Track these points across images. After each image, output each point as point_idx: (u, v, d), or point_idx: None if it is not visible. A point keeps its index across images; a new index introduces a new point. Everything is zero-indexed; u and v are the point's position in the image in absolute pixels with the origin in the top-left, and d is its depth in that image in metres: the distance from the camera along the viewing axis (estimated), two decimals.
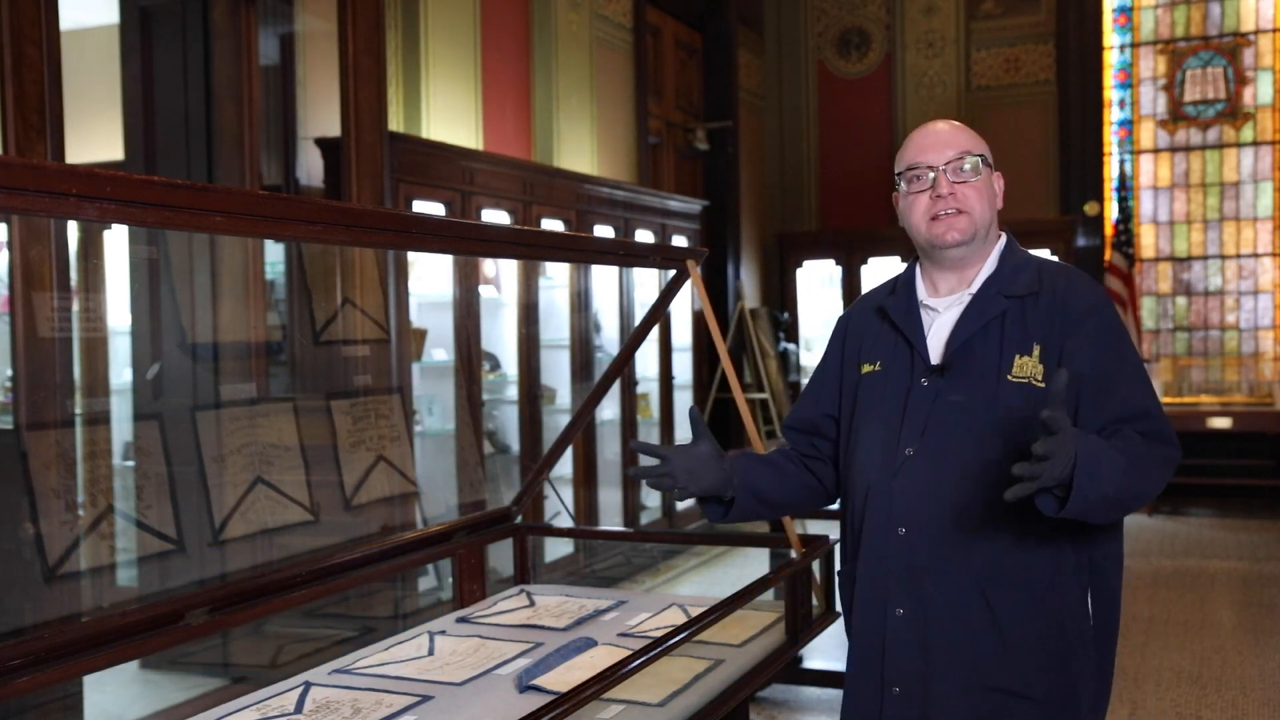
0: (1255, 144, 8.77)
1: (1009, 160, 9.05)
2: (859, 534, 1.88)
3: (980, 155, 1.86)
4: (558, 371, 5.86)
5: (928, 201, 1.84)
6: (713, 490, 1.91)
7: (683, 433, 7.17)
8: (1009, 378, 1.76)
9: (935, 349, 1.84)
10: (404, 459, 4.10)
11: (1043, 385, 1.75)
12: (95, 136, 4.71)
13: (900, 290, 1.94)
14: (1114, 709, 4.18)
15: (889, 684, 1.81)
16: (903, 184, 1.88)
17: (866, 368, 1.93)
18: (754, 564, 5.69)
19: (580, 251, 3.10)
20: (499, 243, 2.54)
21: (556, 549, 5.72)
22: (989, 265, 1.88)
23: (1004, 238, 1.93)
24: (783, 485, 2.02)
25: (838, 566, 2.09)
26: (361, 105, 4.14)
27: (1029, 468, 1.51)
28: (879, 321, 1.95)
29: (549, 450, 3.11)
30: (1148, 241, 9.06)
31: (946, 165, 1.83)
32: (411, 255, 4.52)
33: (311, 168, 4.26)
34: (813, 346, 9.25)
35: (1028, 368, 1.76)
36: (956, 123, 1.92)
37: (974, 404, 1.78)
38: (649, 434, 6.79)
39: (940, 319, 1.87)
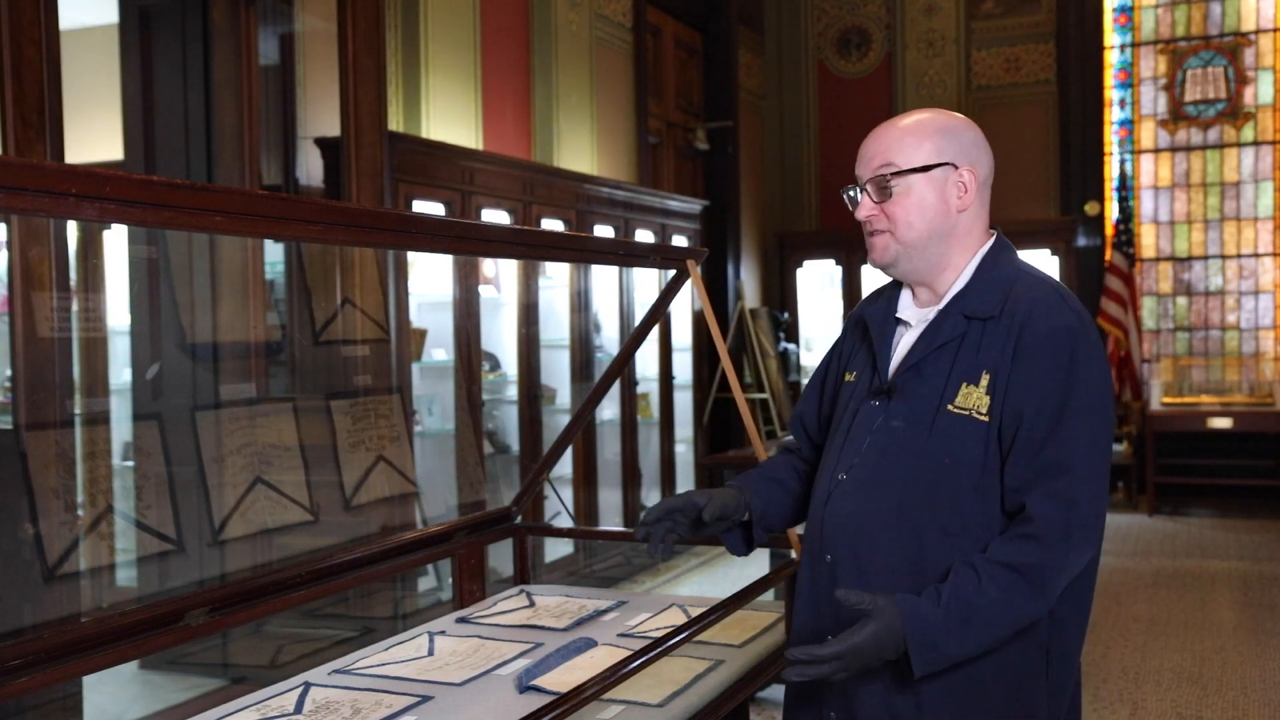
0: (1256, 144, 8.77)
1: (1009, 160, 9.06)
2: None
3: (913, 168, 1.66)
4: (558, 371, 5.85)
5: None
6: (730, 507, 1.85)
7: (683, 432, 7.17)
8: (949, 407, 1.62)
9: (895, 367, 1.73)
10: (404, 459, 4.10)
11: (985, 419, 1.59)
12: (95, 136, 4.71)
13: (885, 300, 1.81)
14: (1114, 709, 4.18)
15: (826, 707, 1.73)
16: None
17: (848, 376, 1.83)
18: (754, 564, 5.68)
19: (580, 251, 3.10)
20: (499, 243, 2.53)
21: (556, 549, 5.71)
22: (963, 278, 1.71)
23: (989, 244, 1.74)
24: (789, 499, 1.95)
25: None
26: (361, 105, 4.14)
27: (807, 654, 1.49)
28: (863, 330, 1.83)
29: (549, 450, 3.10)
30: (1148, 241, 9.06)
31: (868, 182, 1.70)
32: (411, 255, 4.52)
33: (311, 168, 4.26)
34: (813, 346, 9.25)
35: (972, 398, 1.61)
36: (915, 119, 1.71)
37: (912, 431, 1.64)
38: (649, 434, 6.79)
39: (909, 334, 1.74)
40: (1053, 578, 1.53)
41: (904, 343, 1.74)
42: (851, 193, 1.74)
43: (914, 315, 1.75)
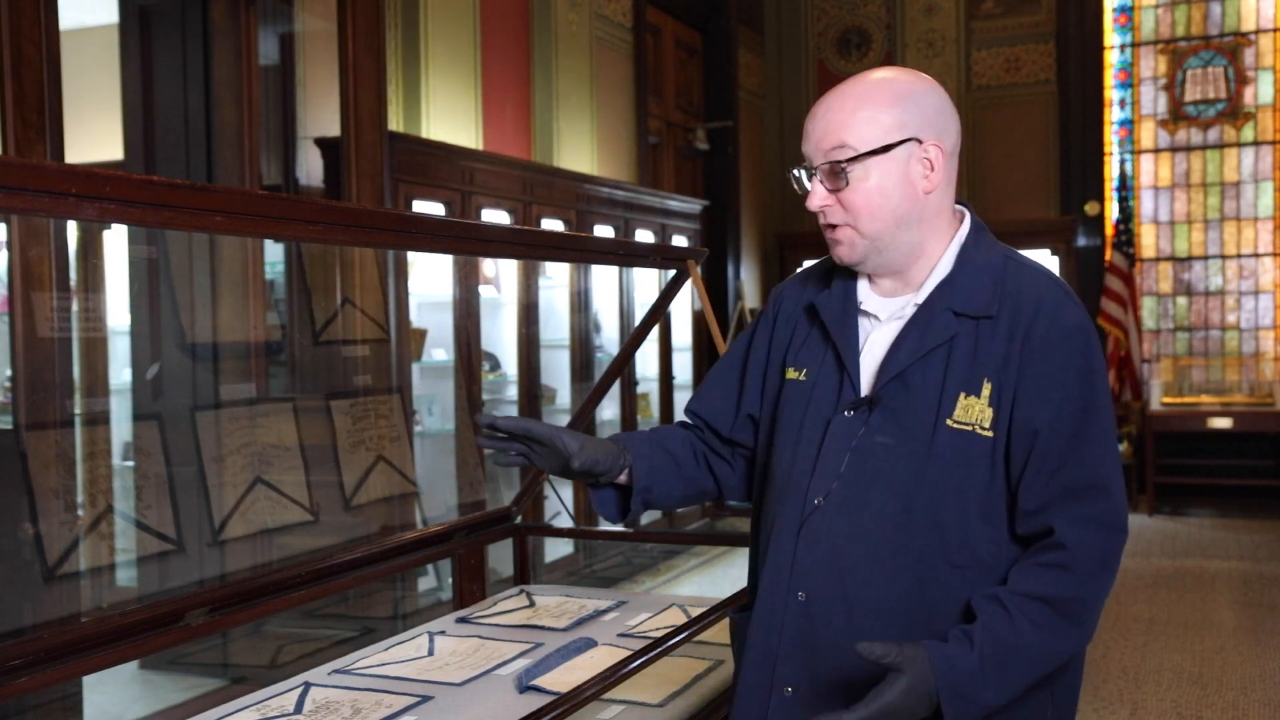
0: (1256, 144, 8.77)
1: (1009, 160, 9.07)
2: (757, 586, 1.55)
3: (872, 149, 1.43)
4: (558, 371, 5.85)
5: None
6: (604, 463, 1.57)
7: None
8: (949, 422, 1.42)
9: (868, 372, 1.49)
10: (404, 459, 4.10)
11: (989, 434, 1.41)
12: (95, 136, 4.71)
13: (837, 286, 1.56)
14: (1114, 709, 4.18)
15: None
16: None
17: (791, 374, 1.57)
18: None
19: (580, 251, 3.10)
20: (499, 243, 2.53)
21: (556, 549, 5.71)
22: (942, 267, 1.49)
23: (965, 226, 1.52)
24: (678, 480, 1.67)
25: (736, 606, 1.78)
26: (361, 105, 4.14)
27: None
28: (809, 319, 1.59)
29: None
30: (1148, 241, 9.06)
31: (820, 166, 1.46)
32: (411, 255, 4.52)
33: (311, 168, 4.26)
34: None
35: (974, 411, 1.42)
36: (867, 87, 1.47)
37: (903, 450, 1.43)
38: None
39: (880, 331, 1.51)
40: (1091, 609, 1.40)
41: (876, 341, 1.51)
42: (799, 175, 1.50)
43: (881, 307, 1.52)
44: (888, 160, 1.44)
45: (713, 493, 1.72)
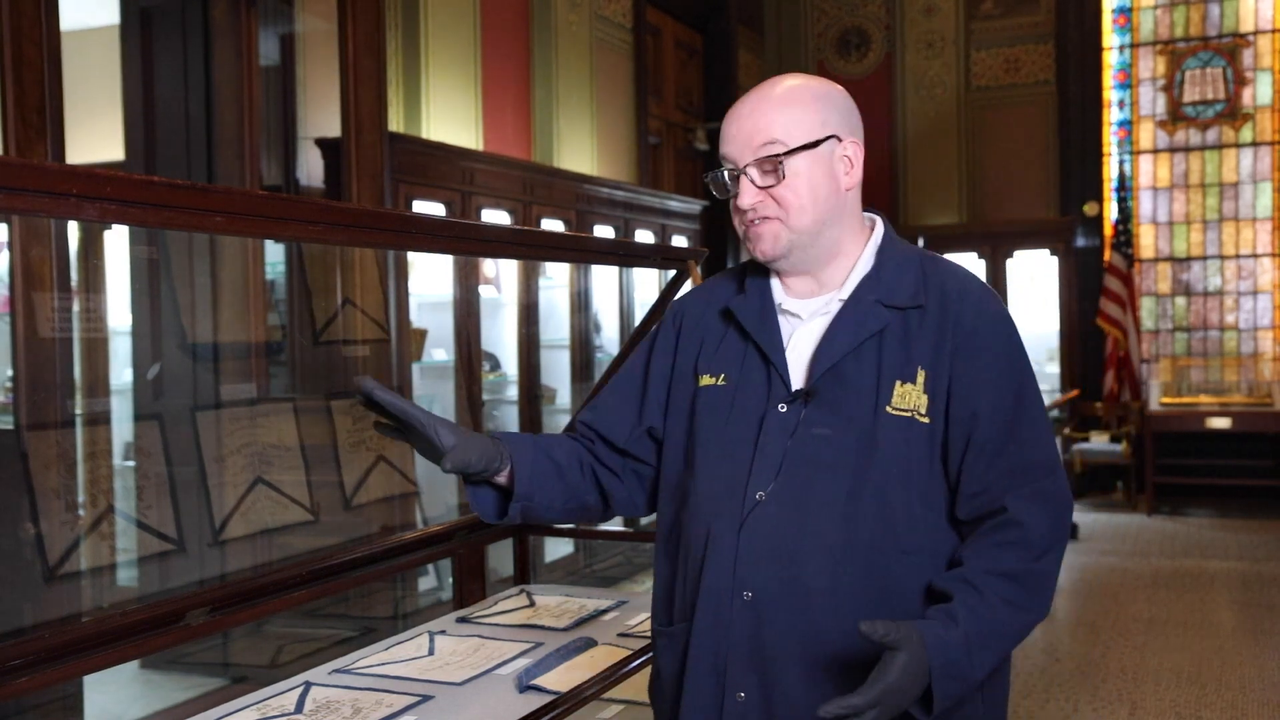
0: (1254, 144, 8.78)
1: (1008, 161, 9.08)
2: (695, 591, 1.51)
3: (802, 144, 1.46)
4: (558, 371, 5.86)
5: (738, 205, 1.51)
6: (478, 464, 1.52)
7: None
8: (889, 409, 1.44)
9: (797, 367, 1.50)
10: (404, 459, 4.10)
11: (927, 420, 1.44)
12: (95, 136, 4.72)
13: (751, 288, 1.57)
14: (1113, 708, 4.18)
15: None
16: (714, 176, 1.53)
17: (706, 380, 1.55)
18: None
19: (580, 251, 3.10)
20: (499, 243, 2.54)
21: (556, 549, 5.72)
22: (863, 264, 1.53)
23: (879, 228, 1.57)
24: (560, 489, 1.62)
25: (652, 625, 1.66)
26: (361, 105, 4.14)
27: (843, 708, 1.25)
28: (723, 324, 1.58)
29: None
30: (1147, 242, 9.06)
31: (749, 165, 1.48)
32: (411, 255, 4.53)
33: (311, 168, 4.27)
34: None
35: (910, 398, 1.44)
36: (786, 88, 1.50)
37: (845, 440, 1.44)
38: None
39: (804, 329, 1.52)
40: (1051, 581, 1.44)
41: (800, 338, 1.52)
42: (722, 177, 1.51)
43: (801, 307, 1.54)
44: (815, 155, 1.48)
45: (596, 508, 1.68)
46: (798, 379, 1.49)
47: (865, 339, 1.46)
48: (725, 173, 1.50)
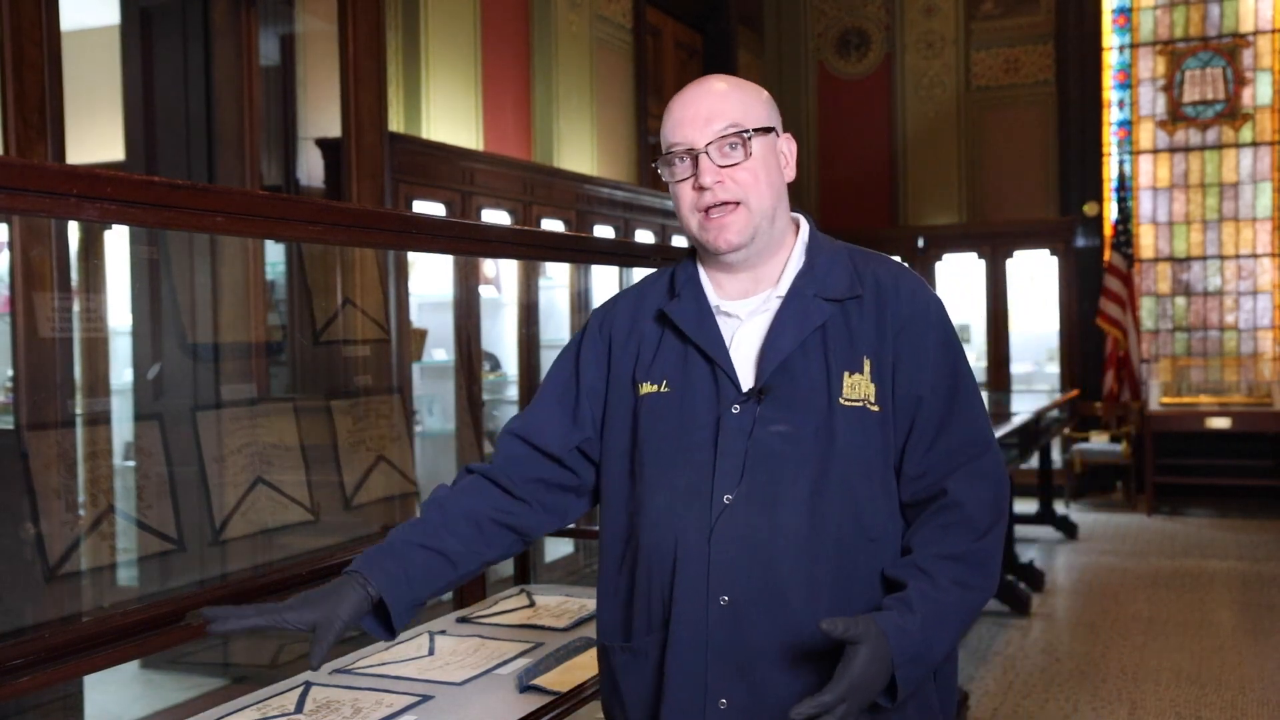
0: (1254, 144, 8.78)
1: (1008, 161, 9.08)
2: (666, 604, 1.48)
3: (759, 127, 1.49)
4: None
5: (693, 192, 1.49)
6: (350, 617, 1.52)
7: None
8: (841, 401, 1.45)
9: (744, 367, 1.49)
10: (404, 459, 4.10)
11: (877, 408, 1.46)
12: (95, 137, 4.72)
13: (685, 291, 1.56)
14: (1113, 708, 4.18)
15: None
16: (664, 168, 1.52)
17: (647, 388, 1.54)
18: None
19: (580, 252, 3.10)
20: (499, 243, 2.54)
21: (556, 549, 5.72)
22: (795, 259, 1.54)
23: (805, 225, 1.58)
24: (448, 569, 1.62)
25: (605, 642, 1.61)
26: (362, 106, 4.14)
27: (816, 706, 1.27)
28: (658, 329, 1.57)
29: None
30: (1147, 242, 9.07)
31: (710, 145, 1.48)
32: (411, 255, 4.53)
33: (311, 168, 4.27)
34: None
35: (860, 388, 1.46)
36: (727, 81, 1.54)
37: (803, 435, 1.45)
38: None
39: (744, 329, 1.52)
40: (996, 557, 1.46)
41: (743, 338, 1.52)
42: (677, 161, 1.50)
43: (738, 307, 1.54)
44: (768, 141, 1.51)
45: (515, 547, 1.66)
46: (746, 379, 1.49)
47: (810, 333, 1.48)
48: (680, 156, 1.50)
